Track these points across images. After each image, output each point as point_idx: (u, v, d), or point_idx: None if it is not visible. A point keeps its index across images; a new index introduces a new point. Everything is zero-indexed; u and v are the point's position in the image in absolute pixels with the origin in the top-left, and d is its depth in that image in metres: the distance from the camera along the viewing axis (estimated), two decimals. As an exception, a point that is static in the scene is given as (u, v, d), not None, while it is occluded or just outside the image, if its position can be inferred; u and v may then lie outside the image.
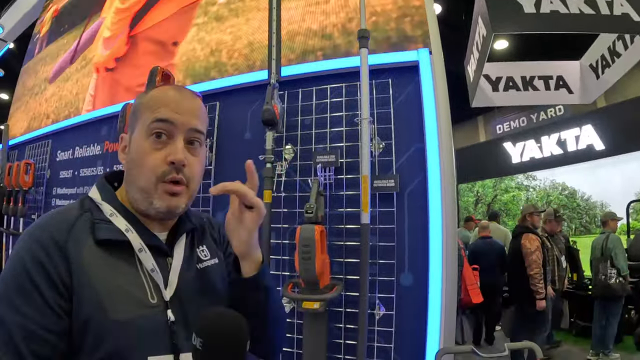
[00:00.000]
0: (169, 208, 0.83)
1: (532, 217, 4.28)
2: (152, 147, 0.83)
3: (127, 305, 0.76)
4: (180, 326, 0.80)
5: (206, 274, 0.92)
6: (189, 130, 0.85)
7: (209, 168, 2.56)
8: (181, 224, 0.92)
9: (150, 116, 0.84)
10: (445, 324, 1.88)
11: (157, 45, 3.26)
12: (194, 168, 0.86)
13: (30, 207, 4.23)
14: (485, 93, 4.21)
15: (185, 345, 0.78)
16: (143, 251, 0.81)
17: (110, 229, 0.80)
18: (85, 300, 0.73)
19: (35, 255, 0.72)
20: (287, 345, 2.19)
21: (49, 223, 0.78)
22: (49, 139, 4.20)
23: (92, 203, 0.84)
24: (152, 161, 0.82)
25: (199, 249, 0.95)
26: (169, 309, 0.80)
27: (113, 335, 0.73)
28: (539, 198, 7.69)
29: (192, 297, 0.85)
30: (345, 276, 2.10)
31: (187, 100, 0.88)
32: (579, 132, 6.71)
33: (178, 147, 0.83)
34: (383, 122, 2.15)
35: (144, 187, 0.83)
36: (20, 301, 0.70)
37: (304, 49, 2.43)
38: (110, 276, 0.76)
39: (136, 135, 0.86)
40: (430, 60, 2.12)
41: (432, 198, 1.97)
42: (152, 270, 0.81)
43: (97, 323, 0.72)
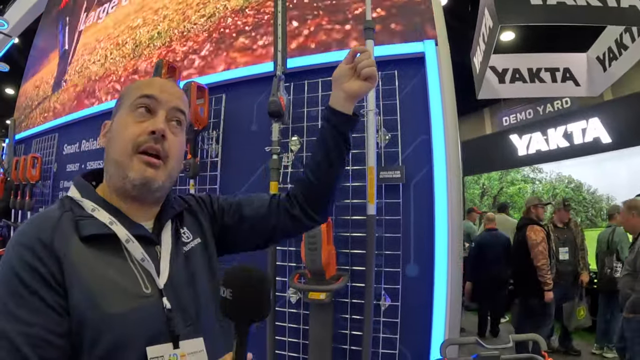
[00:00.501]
0: (144, 179, 0.81)
1: (536, 209, 4.24)
2: (134, 120, 0.84)
3: (121, 298, 0.74)
4: (177, 312, 0.80)
5: (191, 256, 0.91)
6: (171, 109, 0.87)
7: (216, 160, 2.57)
8: (165, 210, 0.91)
9: (136, 94, 0.86)
10: (450, 315, 1.89)
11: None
12: (174, 145, 0.86)
13: (38, 200, 4.25)
14: (492, 85, 4.19)
15: (184, 332, 0.79)
16: (130, 241, 0.79)
17: (94, 223, 0.78)
18: (78, 298, 0.71)
19: (24, 259, 0.70)
20: (293, 335, 2.21)
21: (32, 226, 0.76)
22: (55, 132, 4.22)
23: (72, 201, 0.82)
24: (131, 131, 0.82)
25: (181, 232, 0.93)
26: (164, 296, 0.79)
27: (110, 330, 0.72)
28: (545, 191, 7.63)
29: (184, 283, 0.85)
30: (351, 267, 2.11)
31: (171, 86, 0.91)
32: (585, 125, 6.65)
33: (159, 119, 0.84)
34: (389, 113, 2.15)
35: (119, 158, 0.82)
36: (18, 309, 0.68)
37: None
38: (100, 271, 0.75)
39: (119, 115, 0.87)
40: (436, 51, 2.11)
41: (438, 189, 1.98)
42: (143, 260, 0.80)
43: (93, 319, 0.71)
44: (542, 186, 7.79)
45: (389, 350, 2.01)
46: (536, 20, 2.65)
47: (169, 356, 0.76)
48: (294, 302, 2.24)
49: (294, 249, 2.24)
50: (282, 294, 2.25)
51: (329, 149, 1.01)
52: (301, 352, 2.18)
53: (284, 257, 2.27)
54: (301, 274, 2.11)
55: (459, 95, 2.08)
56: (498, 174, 8.72)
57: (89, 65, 4.07)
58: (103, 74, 3.80)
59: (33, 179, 4.08)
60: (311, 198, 1.03)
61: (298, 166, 2.31)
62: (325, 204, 1.06)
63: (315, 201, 1.04)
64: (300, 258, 2.06)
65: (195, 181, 2.56)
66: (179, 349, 0.77)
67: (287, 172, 2.30)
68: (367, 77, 0.99)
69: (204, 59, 2.85)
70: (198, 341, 0.81)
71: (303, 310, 2.20)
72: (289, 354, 2.21)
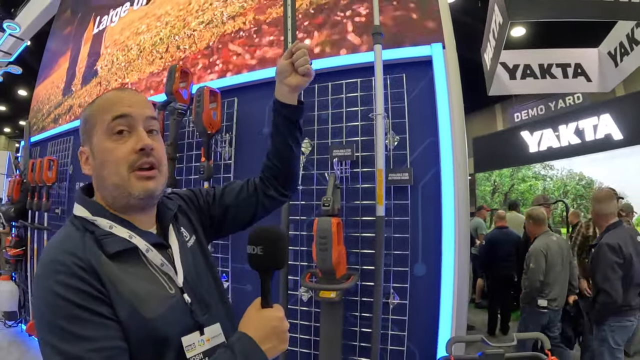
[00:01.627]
0: (147, 192, 0.87)
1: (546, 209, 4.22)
2: (117, 144, 0.86)
3: (155, 303, 0.82)
4: (196, 305, 0.90)
5: (193, 251, 1.01)
6: (146, 119, 0.90)
7: (229, 162, 2.64)
8: (163, 214, 0.98)
9: (107, 117, 0.87)
10: (456, 313, 1.94)
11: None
12: (160, 151, 0.91)
13: (54, 202, 4.35)
14: (503, 81, 4.17)
15: (204, 320, 0.90)
16: (150, 250, 0.87)
17: (116, 240, 0.84)
18: (120, 309, 0.78)
19: (69, 284, 0.74)
20: (304, 332, 2.27)
21: (62, 252, 0.79)
22: (71, 135, 4.31)
23: (85, 221, 0.86)
24: (119, 155, 0.85)
25: (181, 231, 1.02)
26: (184, 293, 0.89)
27: (151, 332, 0.80)
28: (556, 188, 7.59)
29: (196, 277, 0.95)
30: (361, 266, 2.17)
31: (134, 95, 0.93)
32: (597, 121, 6.59)
33: (142, 135, 0.87)
34: (397, 116, 2.19)
35: (117, 182, 0.85)
36: (82, 329, 0.72)
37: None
38: (132, 283, 0.82)
39: (97, 141, 0.88)
40: (444, 54, 2.15)
41: (445, 191, 2.02)
42: (162, 265, 0.88)
43: (136, 325, 0.78)
44: (553, 183, 7.75)
45: (397, 347, 2.07)
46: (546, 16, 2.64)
47: (198, 342, 0.87)
48: (305, 300, 2.30)
49: (306, 249, 2.31)
50: (294, 292, 2.31)
51: (285, 136, 1.16)
52: (312, 348, 2.25)
53: (296, 257, 2.33)
54: (312, 273, 2.17)
55: (471, 91, 2.10)
56: (509, 171, 8.68)
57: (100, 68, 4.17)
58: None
59: (49, 181, 4.18)
60: (281, 179, 1.19)
61: (309, 168, 2.37)
62: (293, 181, 1.24)
63: (284, 181, 1.20)
64: (312, 258, 2.12)
65: (210, 183, 2.63)
66: (204, 335, 0.89)
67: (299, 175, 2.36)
68: (303, 73, 1.10)
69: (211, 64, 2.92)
70: (216, 326, 0.93)
71: (314, 308, 2.26)
72: (301, 350, 2.28)
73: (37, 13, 6.64)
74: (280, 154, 1.17)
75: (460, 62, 2.19)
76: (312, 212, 2.33)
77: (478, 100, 11.60)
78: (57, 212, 4.31)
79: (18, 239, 4.97)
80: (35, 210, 4.40)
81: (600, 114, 6.56)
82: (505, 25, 2.72)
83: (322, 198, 2.07)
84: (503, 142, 8.66)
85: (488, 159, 8.86)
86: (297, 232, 2.34)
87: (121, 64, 3.83)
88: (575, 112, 7.46)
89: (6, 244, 5.10)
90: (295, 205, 2.35)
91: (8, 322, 4.97)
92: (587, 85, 4.16)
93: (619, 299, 2.62)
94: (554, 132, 7.37)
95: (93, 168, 0.90)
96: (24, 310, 4.98)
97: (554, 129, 7.37)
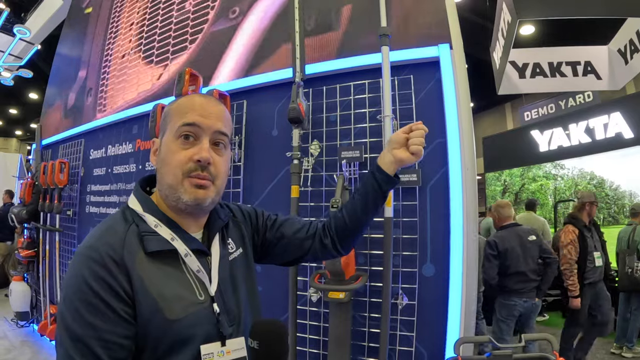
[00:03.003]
0: (196, 200, 0.89)
1: (591, 207, 3.99)
2: (180, 147, 0.90)
3: (180, 306, 0.85)
4: (224, 316, 0.92)
5: (235, 265, 1.02)
6: (214, 133, 0.93)
7: (239, 164, 2.66)
8: (213, 222, 1.01)
9: (179, 120, 0.91)
10: (465, 314, 1.94)
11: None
12: (220, 166, 0.93)
13: (66, 203, 4.42)
14: (512, 80, 4.16)
15: (229, 332, 0.91)
16: (189, 255, 0.90)
17: (158, 240, 0.88)
18: (144, 305, 0.81)
19: (99, 275, 0.79)
20: (313, 332, 2.29)
21: (101, 242, 0.83)
22: (82, 138, 4.37)
23: (135, 214, 0.91)
24: (179, 159, 0.89)
25: (227, 242, 1.04)
26: (215, 302, 0.90)
27: (170, 333, 0.82)
28: (567, 187, 7.53)
29: (230, 289, 0.97)
30: (369, 267, 2.18)
31: (213, 106, 0.96)
32: (607, 120, 6.51)
33: (204, 146, 0.90)
34: (405, 117, 2.20)
35: (172, 183, 0.89)
36: (94, 318, 0.76)
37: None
38: (162, 282, 0.85)
39: (166, 138, 0.93)
40: (451, 55, 2.14)
41: (454, 192, 2.02)
42: (198, 271, 0.90)
43: (157, 324, 0.81)
44: (564, 183, 7.68)
45: (405, 348, 2.07)
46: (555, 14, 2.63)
47: (217, 352, 0.88)
48: (314, 300, 2.31)
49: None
50: (303, 293, 2.33)
51: (369, 200, 1.14)
52: (321, 349, 2.26)
53: (305, 258, 2.34)
54: (321, 274, 2.18)
55: (480, 91, 2.11)
56: (519, 171, 8.61)
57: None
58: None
59: (61, 183, 4.24)
60: (342, 235, 1.18)
61: (318, 170, 2.38)
62: (352, 242, 1.22)
63: (344, 238, 1.19)
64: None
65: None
66: (226, 346, 0.90)
67: (308, 176, 2.38)
68: (413, 152, 1.11)
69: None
70: (240, 340, 0.93)
71: (323, 309, 2.27)
72: (310, 350, 2.29)
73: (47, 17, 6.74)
74: (356, 213, 1.16)
75: (470, 61, 2.18)
76: (321, 213, 2.34)
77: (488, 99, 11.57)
78: (68, 213, 4.37)
79: (30, 241, 5.05)
80: (47, 212, 4.47)
81: (611, 113, 6.49)
82: (514, 23, 2.71)
83: (331, 199, 2.08)
84: (513, 141, 8.60)
85: (498, 159, 8.81)
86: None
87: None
88: (586, 110, 7.38)
89: (18, 246, 5.18)
90: (304, 207, 2.36)
91: (20, 322, 5.04)
92: (597, 83, 4.13)
93: (491, 282, 3.52)
94: (565, 131, 7.31)
95: (157, 162, 0.95)
96: (36, 310, 5.05)
97: (565, 128, 7.31)
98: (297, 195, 2.26)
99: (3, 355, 4.22)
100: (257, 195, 2.61)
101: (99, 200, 3.99)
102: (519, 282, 3.49)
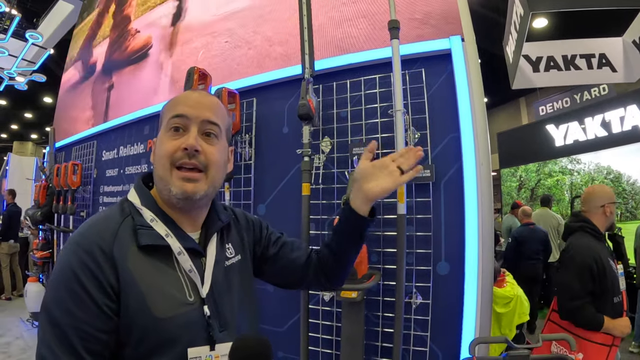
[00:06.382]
0: (185, 194, 0.88)
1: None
2: (170, 139, 0.90)
3: (167, 304, 0.83)
4: (215, 320, 0.89)
5: (231, 271, 1.00)
6: (202, 122, 0.92)
7: (249, 163, 2.64)
8: (212, 222, 0.99)
9: (169, 114, 0.92)
10: (480, 313, 1.89)
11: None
12: (211, 155, 0.91)
13: (79, 205, 4.46)
14: (526, 74, 4.08)
15: (219, 336, 0.88)
16: (182, 254, 0.88)
17: (151, 234, 0.86)
18: (131, 301, 0.80)
19: (85, 263, 0.78)
20: (326, 332, 2.25)
21: (93, 231, 0.83)
22: (94, 139, 4.40)
23: (133, 207, 0.90)
24: (167, 149, 0.89)
25: (227, 246, 1.02)
26: (205, 304, 0.88)
27: (156, 331, 0.80)
28: (584, 182, 7.38)
29: (223, 293, 0.94)
30: (383, 265, 2.14)
31: (204, 98, 0.96)
32: (623, 113, 6.37)
33: (191, 135, 0.89)
34: (417, 112, 2.15)
35: (162, 174, 0.89)
36: (73, 306, 0.76)
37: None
38: (152, 277, 0.83)
39: (159, 134, 0.94)
40: (463, 47, 2.09)
41: (468, 187, 1.97)
42: (190, 271, 0.88)
43: (142, 320, 0.80)
44: (580, 177, 7.54)
45: (419, 348, 2.03)
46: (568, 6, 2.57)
47: (205, 357, 0.85)
48: (327, 300, 2.28)
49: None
50: (315, 293, 2.29)
51: (346, 242, 1.10)
52: (334, 349, 2.22)
53: (316, 257, 2.31)
54: (333, 273, 2.14)
55: (494, 85, 2.05)
56: (535, 166, 8.48)
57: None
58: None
59: (74, 185, 4.28)
60: (329, 272, 1.15)
61: (329, 167, 2.34)
62: (341, 277, 1.19)
63: (332, 275, 1.16)
64: (332, 257, 2.10)
65: (230, 184, 2.64)
66: (215, 351, 0.86)
67: (319, 173, 2.35)
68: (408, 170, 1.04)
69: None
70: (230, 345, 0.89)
71: (336, 308, 2.24)
72: (322, 350, 2.26)
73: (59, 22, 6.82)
74: (336, 255, 1.12)
75: (484, 56, 2.13)
76: (333, 211, 2.31)
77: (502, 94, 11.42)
78: (82, 215, 4.41)
79: (45, 242, 5.12)
80: (61, 213, 4.52)
81: (627, 105, 6.35)
82: (526, 16, 2.65)
83: (343, 197, 2.05)
84: (528, 136, 8.47)
85: (513, 154, 8.69)
86: (318, 231, 2.32)
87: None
88: (601, 103, 7.23)
89: (34, 247, 5.24)
90: (315, 205, 2.33)
91: (35, 323, 5.10)
92: (613, 76, 4.03)
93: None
94: (580, 125, 7.18)
95: (153, 157, 0.95)
96: (52, 311, 5.10)
97: (580, 122, 7.17)
98: (308, 193, 2.22)
99: (19, 355, 4.28)
100: (268, 194, 2.59)
101: (112, 201, 4.01)
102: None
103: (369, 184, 1.02)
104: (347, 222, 1.07)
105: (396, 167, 1.03)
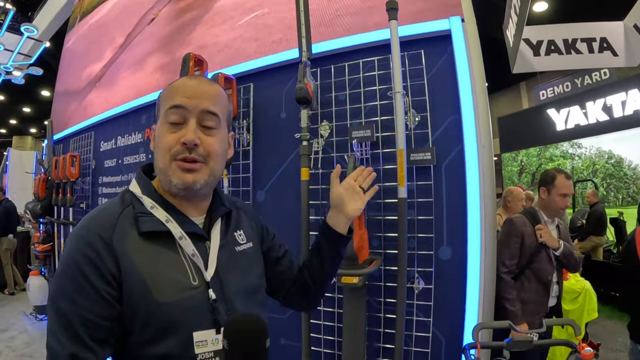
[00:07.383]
0: (185, 184, 0.87)
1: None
2: (168, 131, 0.88)
3: (171, 289, 0.83)
4: (221, 303, 0.88)
5: (244, 256, 1.01)
6: (200, 112, 0.89)
7: (247, 149, 2.61)
8: (216, 207, 0.99)
9: (167, 105, 0.90)
10: (483, 298, 1.87)
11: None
12: (210, 146, 0.90)
13: (79, 196, 4.44)
14: (526, 58, 4.03)
15: (225, 319, 0.86)
16: (183, 238, 0.87)
17: (152, 220, 0.86)
18: (133, 287, 0.80)
19: (86, 253, 0.79)
20: (328, 319, 2.24)
21: (94, 222, 0.84)
22: (91, 130, 4.37)
23: (133, 197, 0.90)
24: (166, 142, 0.88)
25: (237, 233, 1.02)
26: (210, 288, 0.88)
27: (159, 315, 0.80)
28: (585, 167, 7.35)
29: (230, 277, 0.93)
30: (384, 250, 2.11)
31: (202, 86, 0.93)
32: (625, 97, 6.32)
33: (190, 128, 0.88)
34: (417, 94, 2.12)
35: (162, 167, 0.88)
36: (76, 294, 0.77)
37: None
38: (154, 263, 0.83)
39: (158, 124, 0.93)
40: (463, 28, 2.05)
41: (470, 170, 1.94)
42: (193, 255, 0.88)
43: (145, 306, 0.80)
44: (581, 162, 7.50)
45: (422, 334, 2.01)
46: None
47: (212, 340, 0.85)
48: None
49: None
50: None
51: (325, 260, 1.14)
52: (336, 335, 2.21)
53: (317, 243, 2.28)
54: (334, 259, 2.12)
55: (495, 69, 2.02)
56: (536, 150, 8.44)
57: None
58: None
59: (73, 177, 4.27)
60: (306, 294, 1.19)
61: (328, 151, 2.31)
62: (317, 299, 1.25)
63: (309, 297, 1.20)
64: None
65: (229, 170, 2.61)
66: (221, 334, 0.85)
67: (319, 158, 2.32)
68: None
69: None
70: None
71: (337, 294, 2.22)
72: (324, 337, 2.24)
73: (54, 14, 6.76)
74: (315, 274, 1.16)
75: (484, 40, 2.08)
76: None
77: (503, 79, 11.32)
78: (82, 206, 4.39)
79: (46, 235, 5.11)
80: (61, 205, 4.51)
81: (629, 90, 6.31)
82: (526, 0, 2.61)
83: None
84: (529, 120, 8.43)
85: (514, 139, 8.66)
86: (318, 216, 2.29)
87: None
88: (603, 88, 7.18)
89: (35, 240, 5.23)
90: (315, 190, 2.30)
91: (39, 316, 5.11)
92: (614, 60, 3.97)
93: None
94: (581, 110, 7.14)
95: (153, 145, 0.94)
96: (54, 303, 5.11)
97: (581, 106, 7.13)
98: (307, 177, 2.19)
99: (23, 348, 4.28)
100: (267, 180, 2.56)
101: (111, 192, 3.99)
102: None
103: (348, 207, 1.12)
104: (327, 241, 1.13)
105: (359, 187, 1.14)
